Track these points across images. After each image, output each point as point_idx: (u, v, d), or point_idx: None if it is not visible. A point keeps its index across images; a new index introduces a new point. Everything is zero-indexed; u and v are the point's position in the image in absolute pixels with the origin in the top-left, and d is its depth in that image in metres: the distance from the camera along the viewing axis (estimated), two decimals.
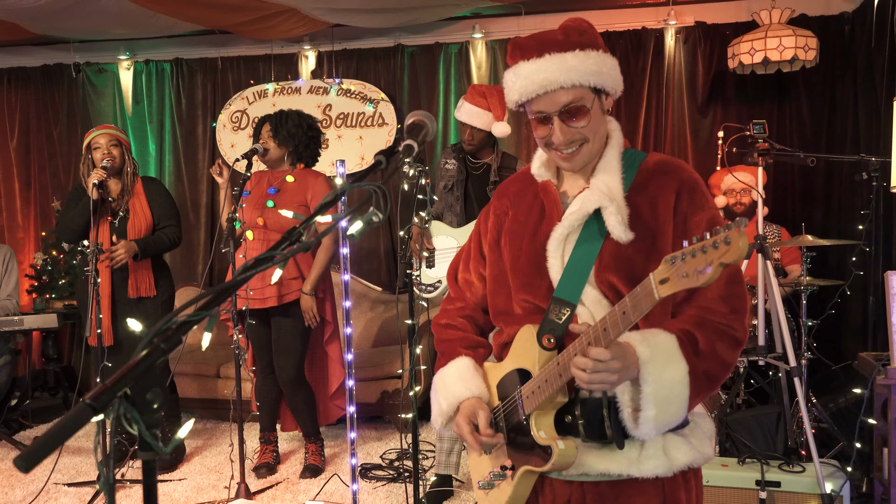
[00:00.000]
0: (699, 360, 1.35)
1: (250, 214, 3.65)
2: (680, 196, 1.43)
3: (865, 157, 3.58)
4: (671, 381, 1.31)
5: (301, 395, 3.81)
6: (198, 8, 4.72)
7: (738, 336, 1.39)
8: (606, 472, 1.39)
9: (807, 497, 2.79)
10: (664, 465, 1.38)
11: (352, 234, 1.13)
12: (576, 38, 1.45)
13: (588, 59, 1.42)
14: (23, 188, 5.88)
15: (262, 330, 3.79)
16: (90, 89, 5.74)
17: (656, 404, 1.30)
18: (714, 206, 1.47)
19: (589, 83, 1.43)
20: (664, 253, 1.33)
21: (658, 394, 1.30)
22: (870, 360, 3.14)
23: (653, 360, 1.30)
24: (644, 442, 1.38)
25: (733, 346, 1.39)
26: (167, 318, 0.88)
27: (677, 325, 1.39)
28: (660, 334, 1.35)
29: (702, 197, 1.45)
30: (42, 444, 0.75)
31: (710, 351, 1.36)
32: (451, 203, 3.61)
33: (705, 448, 1.46)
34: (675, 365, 1.32)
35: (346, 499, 3.52)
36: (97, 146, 3.83)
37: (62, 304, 5.46)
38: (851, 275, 3.85)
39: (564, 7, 5.12)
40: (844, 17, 4.78)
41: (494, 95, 3.50)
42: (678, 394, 1.32)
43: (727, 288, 1.40)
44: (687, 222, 1.42)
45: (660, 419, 1.32)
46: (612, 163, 1.46)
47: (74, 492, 3.73)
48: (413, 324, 2.96)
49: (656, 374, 1.30)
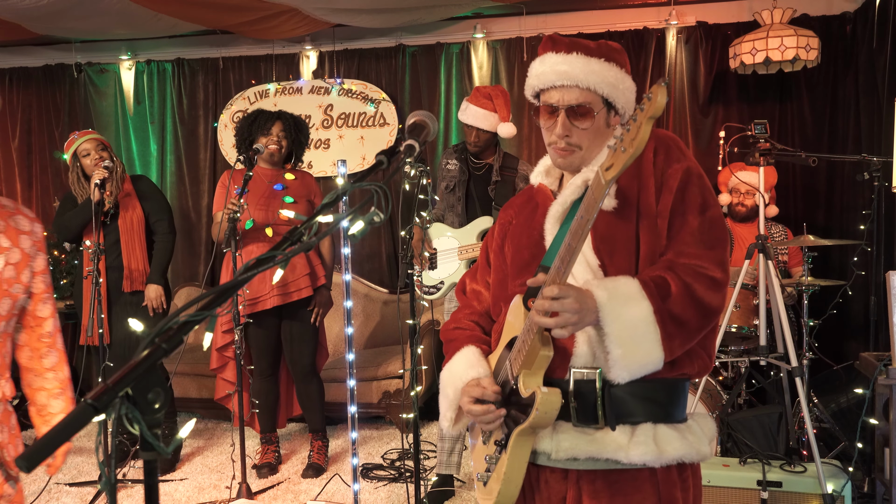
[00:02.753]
0: (670, 301, 1.35)
1: (265, 212, 3.70)
2: (657, 152, 1.47)
3: (867, 157, 3.58)
4: (634, 320, 1.33)
5: (314, 386, 3.89)
6: (199, 8, 4.72)
7: (713, 275, 1.39)
8: (595, 455, 1.39)
9: (808, 497, 2.79)
10: (653, 454, 1.37)
11: (353, 234, 1.13)
12: (605, 50, 1.51)
13: (610, 70, 1.48)
14: (24, 188, 5.89)
15: (265, 332, 3.80)
16: (92, 89, 5.74)
17: (621, 344, 1.33)
18: (691, 159, 1.50)
19: (603, 92, 1.48)
20: (649, 211, 1.42)
21: (621, 333, 1.33)
22: (871, 360, 3.13)
23: (611, 301, 1.33)
24: (635, 429, 1.39)
25: (710, 286, 1.39)
26: (168, 318, 0.88)
27: (648, 272, 1.40)
28: (620, 279, 1.38)
29: (678, 151, 1.49)
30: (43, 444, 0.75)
31: (682, 292, 1.36)
32: (453, 203, 3.61)
33: (702, 446, 1.45)
34: (637, 305, 1.34)
35: (348, 499, 3.52)
36: (86, 153, 3.91)
37: (63, 305, 5.46)
38: (853, 275, 3.84)
39: (565, 7, 5.12)
40: (846, 17, 4.77)
41: (499, 97, 3.50)
42: (644, 333, 1.33)
43: (700, 231, 1.42)
44: (664, 174, 1.45)
45: (629, 359, 1.34)
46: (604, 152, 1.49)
47: (76, 492, 3.73)
48: (414, 324, 2.96)
49: (615, 313, 1.33)
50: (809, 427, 2.96)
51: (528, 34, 5.16)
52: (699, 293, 1.37)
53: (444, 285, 3.60)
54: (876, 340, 3.89)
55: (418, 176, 2.86)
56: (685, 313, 1.36)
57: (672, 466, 1.42)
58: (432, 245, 3.63)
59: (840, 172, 4.74)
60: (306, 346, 3.83)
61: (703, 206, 1.43)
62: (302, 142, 3.89)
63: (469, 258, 3.52)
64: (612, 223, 1.45)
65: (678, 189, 1.43)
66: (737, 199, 4.34)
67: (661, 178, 1.46)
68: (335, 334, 5.19)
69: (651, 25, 5.03)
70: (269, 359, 3.86)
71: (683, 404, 1.48)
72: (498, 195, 3.52)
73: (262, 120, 3.78)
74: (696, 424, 1.48)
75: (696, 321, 1.38)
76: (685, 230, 1.41)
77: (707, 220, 1.42)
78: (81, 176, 3.97)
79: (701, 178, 1.47)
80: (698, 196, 1.44)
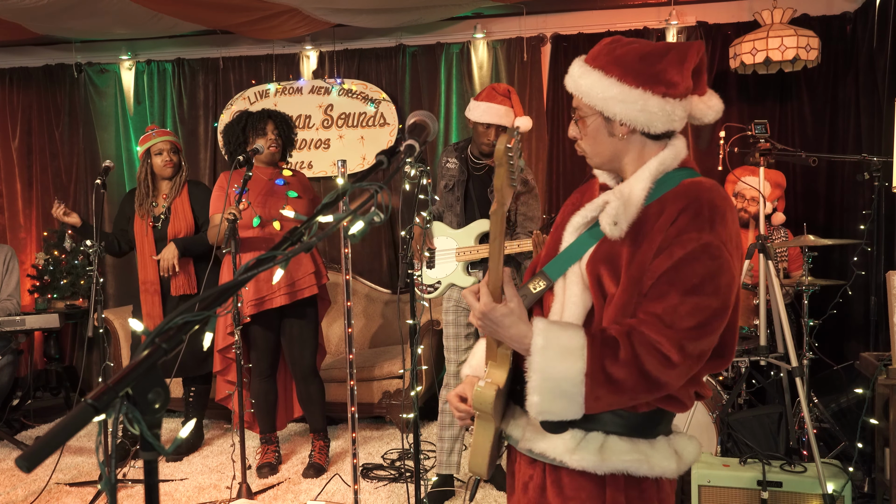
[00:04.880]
0: (613, 364, 1.30)
1: (273, 208, 3.74)
2: (684, 211, 1.37)
3: (867, 156, 3.58)
4: (559, 377, 1.32)
5: (316, 385, 3.90)
6: (200, 8, 4.72)
7: (668, 355, 1.31)
8: (544, 453, 1.43)
9: (808, 497, 2.79)
10: (592, 462, 1.38)
11: (353, 234, 1.13)
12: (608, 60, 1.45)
13: (603, 84, 1.44)
14: (24, 188, 5.89)
15: (266, 332, 3.80)
16: (92, 89, 5.74)
17: (539, 392, 1.33)
18: (719, 233, 1.35)
19: (594, 105, 1.46)
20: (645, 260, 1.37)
21: (542, 385, 1.33)
22: (871, 360, 3.13)
23: (543, 352, 1.33)
24: (586, 434, 1.40)
25: (662, 363, 1.31)
26: (169, 318, 0.89)
27: (607, 329, 1.36)
28: (570, 329, 1.36)
29: (706, 221, 1.35)
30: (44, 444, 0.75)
31: (629, 360, 1.30)
32: (452, 203, 3.59)
33: (660, 460, 1.41)
34: (572, 362, 1.31)
35: (348, 499, 3.52)
36: (159, 151, 4.07)
37: (64, 304, 5.46)
38: (853, 275, 3.84)
39: (565, 7, 5.13)
40: (846, 17, 4.78)
41: (514, 93, 3.49)
42: (565, 391, 1.32)
43: (675, 310, 1.33)
44: (675, 238, 1.35)
45: (542, 407, 1.34)
46: (642, 175, 1.45)
47: (76, 491, 3.73)
48: (415, 323, 2.96)
49: (542, 365, 1.33)
50: (809, 427, 2.96)
51: (528, 34, 5.16)
52: (647, 366, 1.31)
53: (441, 285, 3.58)
54: (876, 340, 3.89)
55: (418, 176, 2.85)
56: (626, 380, 1.31)
57: (620, 476, 1.40)
58: (433, 242, 3.63)
59: (840, 172, 4.74)
60: (307, 346, 3.84)
61: (693, 288, 1.32)
62: (292, 139, 3.93)
63: (466, 260, 3.51)
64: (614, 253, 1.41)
65: (680, 260, 1.34)
66: (741, 204, 4.30)
67: (670, 240, 1.35)
68: (336, 334, 5.19)
69: (651, 25, 5.03)
70: (270, 359, 3.86)
71: (656, 424, 1.44)
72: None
73: (253, 121, 3.77)
74: (667, 441, 1.45)
75: (636, 390, 1.33)
76: (661, 302, 1.33)
77: (688, 304, 1.32)
78: (149, 173, 4.14)
79: (715, 260, 1.34)
80: (695, 278, 1.32)
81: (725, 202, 1.39)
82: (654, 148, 1.48)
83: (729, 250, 1.36)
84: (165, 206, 4.08)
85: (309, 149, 5.47)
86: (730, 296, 1.38)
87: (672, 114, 1.43)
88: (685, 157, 1.48)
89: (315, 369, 3.90)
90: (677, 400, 1.43)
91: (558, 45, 5.13)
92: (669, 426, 1.48)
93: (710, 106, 1.50)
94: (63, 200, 5.69)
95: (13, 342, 4.65)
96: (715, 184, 1.43)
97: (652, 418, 1.43)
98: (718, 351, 1.43)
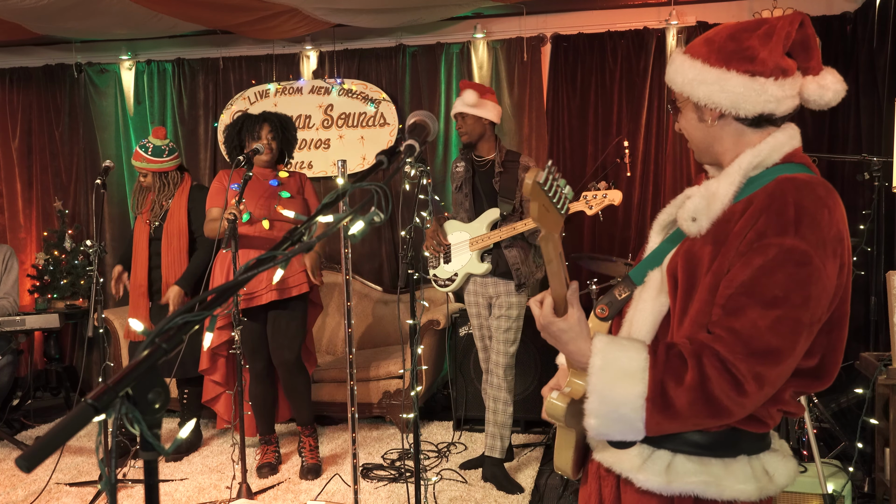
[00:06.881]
0: (677, 389, 1.20)
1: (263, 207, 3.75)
2: (764, 212, 1.22)
3: (867, 157, 3.58)
4: (618, 401, 1.24)
5: (301, 378, 3.88)
6: (199, 8, 4.72)
7: (741, 381, 1.18)
8: (612, 467, 1.38)
9: (809, 497, 2.79)
10: (657, 483, 1.29)
11: (353, 234, 1.13)
12: (698, 43, 1.38)
13: (685, 67, 1.36)
14: (24, 188, 5.89)
15: (258, 330, 3.80)
16: (92, 89, 5.74)
17: (597, 416, 1.27)
18: (804, 236, 1.19)
19: (682, 92, 1.37)
20: (722, 266, 1.24)
21: (600, 409, 1.26)
22: (872, 360, 3.13)
23: (601, 373, 1.25)
24: (653, 452, 1.31)
25: (733, 388, 1.18)
26: (169, 318, 0.89)
27: (681, 346, 1.24)
28: (631, 349, 1.26)
29: (789, 224, 1.20)
30: (44, 444, 0.75)
31: (696, 385, 1.20)
32: (461, 200, 3.73)
33: (736, 484, 1.27)
34: (631, 386, 1.23)
35: (348, 499, 3.52)
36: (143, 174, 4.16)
37: (64, 304, 5.46)
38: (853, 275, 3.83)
39: (565, 7, 5.12)
40: (846, 17, 4.77)
41: (478, 85, 3.71)
42: (624, 415, 1.24)
43: (754, 328, 1.18)
44: (753, 243, 1.21)
45: (601, 430, 1.29)
46: (732, 169, 1.32)
47: (76, 491, 3.73)
48: (415, 324, 2.97)
49: (599, 388, 1.25)
50: (809, 427, 2.96)
51: (528, 34, 5.16)
52: (716, 391, 1.18)
53: (458, 277, 3.73)
54: (876, 340, 3.90)
55: (418, 176, 2.86)
56: (689, 407, 1.20)
57: (688, 497, 1.29)
58: (447, 239, 3.75)
59: (840, 172, 4.74)
60: (293, 338, 3.78)
61: (775, 300, 1.18)
62: (290, 140, 3.91)
63: (480, 248, 3.62)
64: (693, 252, 1.30)
65: (760, 269, 1.19)
66: None
67: (749, 245, 1.22)
68: (328, 333, 5.19)
69: (651, 25, 5.03)
70: (263, 359, 3.85)
71: (733, 443, 1.31)
72: (502, 185, 3.59)
73: (249, 124, 3.79)
74: (748, 461, 1.31)
75: (699, 416, 1.21)
76: (739, 317, 1.19)
77: (769, 318, 1.18)
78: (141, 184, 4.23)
79: (802, 268, 1.18)
80: (777, 289, 1.18)
81: (818, 202, 1.22)
82: (753, 137, 1.33)
83: (822, 257, 1.20)
84: (164, 209, 4.11)
85: (309, 149, 5.47)
86: (820, 310, 1.22)
87: (763, 94, 1.28)
88: (791, 150, 1.32)
89: (299, 362, 3.85)
90: (756, 419, 1.29)
91: (558, 45, 5.13)
92: (758, 444, 1.33)
93: (823, 85, 1.35)
94: (63, 200, 5.72)
95: (13, 342, 4.65)
96: (812, 181, 1.25)
97: (728, 437, 1.30)
98: (815, 372, 1.30)
